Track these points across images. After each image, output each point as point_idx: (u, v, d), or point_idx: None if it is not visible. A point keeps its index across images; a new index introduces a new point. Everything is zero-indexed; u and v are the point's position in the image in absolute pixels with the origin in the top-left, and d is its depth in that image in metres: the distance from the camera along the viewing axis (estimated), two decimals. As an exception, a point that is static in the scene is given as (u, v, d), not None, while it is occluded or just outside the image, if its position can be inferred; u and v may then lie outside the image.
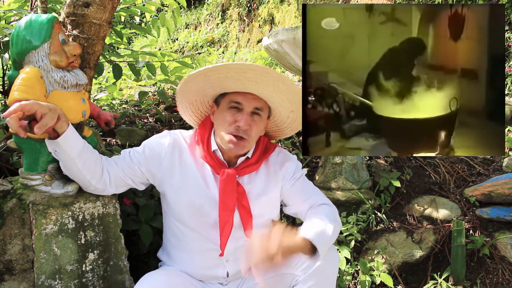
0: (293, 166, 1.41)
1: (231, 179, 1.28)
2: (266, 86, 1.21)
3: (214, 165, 1.30)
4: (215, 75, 1.20)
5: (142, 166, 1.31)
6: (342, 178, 2.30)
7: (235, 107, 1.26)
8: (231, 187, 1.27)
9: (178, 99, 1.36)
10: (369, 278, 1.91)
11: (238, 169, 1.32)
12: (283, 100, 1.29)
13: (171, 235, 1.38)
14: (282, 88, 1.23)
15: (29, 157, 1.23)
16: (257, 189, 1.35)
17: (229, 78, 1.20)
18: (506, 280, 1.94)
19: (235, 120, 1.25)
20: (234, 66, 1.16)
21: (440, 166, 2.58)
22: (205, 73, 1.19)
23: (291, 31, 2.05)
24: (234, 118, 1.25)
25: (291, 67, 2.40)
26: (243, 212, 1.30)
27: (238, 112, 1.26)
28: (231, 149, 1.27)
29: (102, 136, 2.29)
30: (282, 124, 1.43)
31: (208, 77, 1.22)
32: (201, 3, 8.69)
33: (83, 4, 1.45)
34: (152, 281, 1.20)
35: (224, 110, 1.28)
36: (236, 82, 1.21)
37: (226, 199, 1.27)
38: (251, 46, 6.85)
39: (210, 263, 1.33)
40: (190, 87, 1.28)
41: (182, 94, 1.32)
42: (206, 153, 1.31)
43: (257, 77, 1.18)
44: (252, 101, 1.26)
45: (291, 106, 1.32)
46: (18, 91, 1.11)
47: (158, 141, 1.34)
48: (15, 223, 1.22)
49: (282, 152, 1.45)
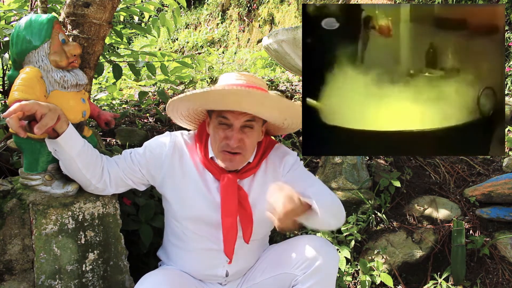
0: (292, 160, 1.39)
1: (232, 184, 1.27)
2: (250, 105, 1.19)
3: (214, 171, 1.29)
4: (198, 100, 1.21)
5: (143, 167, 1.31)
6: (342, 178, 2.30)
7: (225, 123, 1.24)
8: (232, 192, 1.26)
9: (171, 117, 1.38)
10: (369, 278, 1.91)
11: (239, 173, 1.31)
12: (272, 114, 1.27)
13: (172, 235, 1.38)
14: (269, 104, 1.20)
15: (29, 157, 1.23)
16: (257, 188, 1.34)
17: (212, 101, 1.20)
18: (506, 280, 1.94)
19: (226, 137, 1.23)
20: (213, 93, 1.14)
21: (440, 166, 2.58)
22: (188, 99, 1.20)
23: (291, 31, 2.05)
24: (224, 134, 1.23)
25: (291, 67, 2.40)
26: (243, 216, 1.28)
27: (228, 129, 1.24)
28: (228, 167, 1.26)
29: (102, 136, 2.29)
30: (280, 126, 1.41)
31: (191, 100, 1.23)
32: (201, 3, 8.68)
33: (83, 4, 1.45)
34: (152, 281, 1.20)
35: (214, 126, 1.26)
36: (219, 104, 1.20)
37: (227, 204, 1.25)
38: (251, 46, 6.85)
39: (210, 262, 1.33)
40: (178, 107, 1.30)
41: (172, 113, 1.35)
42: (204, 160, 1.30)
43: (241, 98, 1.15)
44: (240, 116, 1.22)
45: (283, 116, 1.29)
46: (18, 91, 1.11)
47: (159, 143, 1.33)
48: (15, 223, 1.22)
49: (282, 147, 1.43)
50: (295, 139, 2.67)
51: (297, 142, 2.65)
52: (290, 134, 2.70)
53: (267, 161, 1.38)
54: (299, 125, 1.37)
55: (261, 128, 1.33)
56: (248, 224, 1.28)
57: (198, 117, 1.41)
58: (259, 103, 1.18)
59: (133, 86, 3.49)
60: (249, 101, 1.17)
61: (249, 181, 1.34)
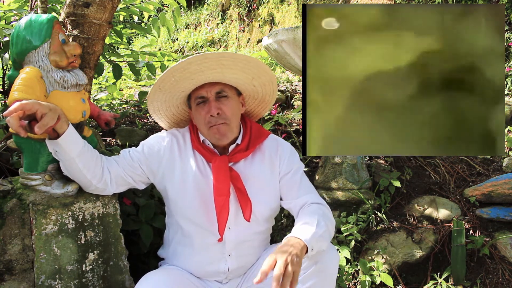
0: (286, 152, 1.43)
1: (223, 164, 1.31)
2: (211, 70, 1.24)
3: (206, 154, 1.34)
4: (166, 84, 1.27)
5: (143, 164, 1.33)
6: (342, 178, 2.30)
7: (201, 102, 1.31)
8: (223, 172, 1.30)
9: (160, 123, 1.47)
10: (369, 278, 1.91)
11: (229, 155, 1.35)
12: (236, 73, 1.30)
13: (174, 232, 1.39)
14: (227, 63, 1.24)
15: (29, 157, 1.23)
16: (253, 173, 1.37)
17: (178, 80, 1.25)
18: (506, 280, 1.94)
19: (207, 112, 1.29)
20: (176, 67, 1.21)
21: (440, 166, 2.58)
22: (158, 86, 1.28)
23: (291, 31, 2.06)
24: (204, 110, 1.30)
25: (291, 67, 2.40)
26: (240, 196, 1.31)
27: (206, 104, 1.30)
28: (219, 139, 1.31)
29: (102, 136, 2.29)
30: (256, 96, 1.45)
31: (162, 89, 1.29)
32: (201, 3, 8.68)
33: (83, 4, 1.45)
34: (152, 281, 1.20)
35: (195, 110, 1.33)
36: (186, 80, 1.26)
37: (219, 184, 1.29)
38: (251, 46, 6.85)
39: (212, 257, 1.34)
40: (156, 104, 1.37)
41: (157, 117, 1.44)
42: (197, 144, 1.35)
43: (199, 66, 1.21)
44: (211, 88, 1.30)
45: (247, 74, 1.32)
46: (18, 91, 1.11)
47: (157, 139, 1.37)
48: (15, 223, 1.22)
49: (276, 138, 1.48)
50: (295, 139, 2.67)
51: (297, 142, 2.65)
52: (290, 134, 2.70)
53: (262, 149, 1.41)
54: (272, 87, 1.41)
55: (238, 99, 1.38)
56: (246, 203, 1.31)
57: (182, 117, 1.48)
58: (218, 64, 1.23)
59: (133, 86, 3.49)
60: (208, 65, 1.22)
61: (243, 165, 1.37)
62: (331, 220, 1.33)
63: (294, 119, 2.98)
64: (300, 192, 1.39)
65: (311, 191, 1.42)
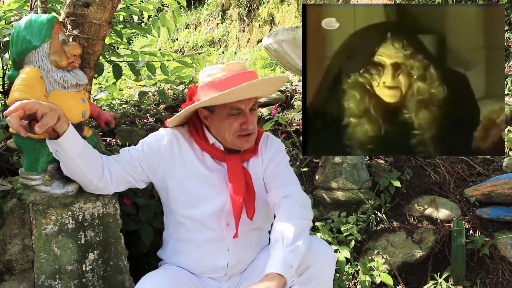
0: (273, 146, 1.45)
1: (238, 164, 1.34)
2: (254, 92, 1.28)
3: (217, 154, 1.36)
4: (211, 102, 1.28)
5: (143, 162, 1.33)
6: (342, 178, 2.30)
7: (236, 113, 1.31)
8: (239, 171, 1.33)
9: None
10: (369, 278, 1.91)
11: (241, 154, 1.38)
12: (269, 91, 1.39)
13: (173, 230, 1.40)
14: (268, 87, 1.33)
15: (29, 157, 1.23)
16: (254, 171, 1.40)
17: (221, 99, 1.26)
18: (506, 280, 1.94)
19: (240, 124, 1.31)
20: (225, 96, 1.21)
21: (440, 166, 2.58)
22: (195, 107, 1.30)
23: (291, 31, 2.06)
24: (238, 122, 1.31)
25: (291, 67, 2.40)
26: (248, 195, 1.33)
27: (240, 115, 1.31)
28: (245, 146, 1.35)
29: (102, 136, 2.29)
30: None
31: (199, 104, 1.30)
32: (201, 3, 8.68)
33: (83, 4, 1.45)
34: (152, 281, 1.20)
35: (223, 117, 1.31)
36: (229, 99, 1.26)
37: (235, 183, 1.31)
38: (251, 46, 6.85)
39: (211, 253, 1.35)
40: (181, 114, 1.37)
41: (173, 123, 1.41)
42: (206, 145, 1.37)
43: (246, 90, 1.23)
44: (248, 102, 1.31)
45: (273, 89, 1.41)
46: (18, 91, 1.11)
47: (156, 138, 1.37)
48: (15, 223, 1.22)
49: (268, 135, 1.51)
50: (295, 139, 2.66)
51: (297, 142, 2.65)
52: (290, 134, 2.70)
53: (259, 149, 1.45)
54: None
55: None
56: (251, 202, 1.33)
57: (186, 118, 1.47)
58: (259, 88, 1.28)
59: (133, 86, 3.49)
60: (253, 90, 1.26)
61: (252, 163, 1.41)
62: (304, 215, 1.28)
63: (294, 119, 2.98)
64: (272, 186, 1.38)
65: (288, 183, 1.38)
